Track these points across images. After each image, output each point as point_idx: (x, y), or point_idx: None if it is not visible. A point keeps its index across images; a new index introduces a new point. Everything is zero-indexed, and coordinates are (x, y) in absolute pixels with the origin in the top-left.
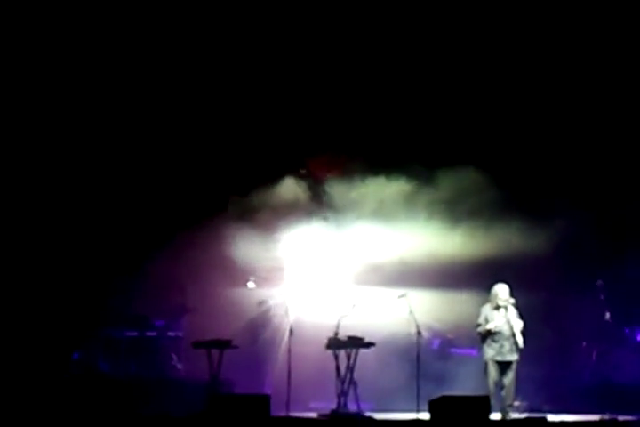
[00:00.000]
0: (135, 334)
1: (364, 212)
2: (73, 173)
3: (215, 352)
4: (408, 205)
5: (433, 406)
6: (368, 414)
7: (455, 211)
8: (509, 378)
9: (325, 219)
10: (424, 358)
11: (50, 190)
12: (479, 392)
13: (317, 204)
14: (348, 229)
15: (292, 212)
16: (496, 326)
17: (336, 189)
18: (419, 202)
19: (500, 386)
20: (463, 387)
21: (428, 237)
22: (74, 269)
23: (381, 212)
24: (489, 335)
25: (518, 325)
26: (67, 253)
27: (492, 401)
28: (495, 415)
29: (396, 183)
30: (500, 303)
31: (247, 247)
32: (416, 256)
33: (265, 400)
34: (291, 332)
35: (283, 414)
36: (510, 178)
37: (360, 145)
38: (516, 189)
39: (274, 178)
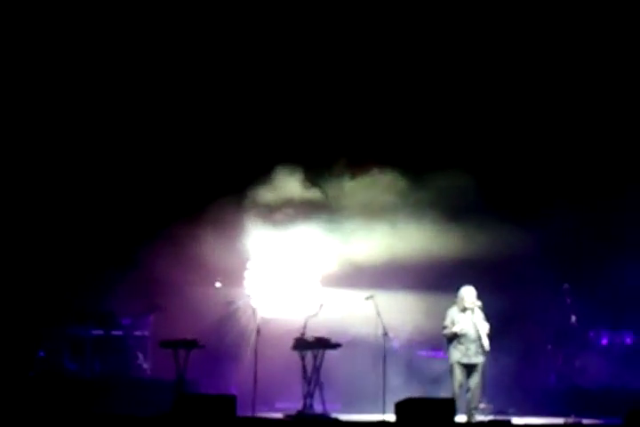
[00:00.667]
0: (101, 332)
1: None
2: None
3: (182, 352)
4: (380, 207)
5: (399, 408)
6: (334, 415)
7: (425, 213)
8: (475, 381)
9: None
10: (390, 359)
11: (21, 184)
12: (445, 395)
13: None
14: (318, 230)
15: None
16: (462, 329)
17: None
18: (390, 204)
19: (465, 388)
20: (429, 389)
21: (395, 239)
22: (40, 265)
23: (355, 213)
24: (455, 338)
25: (484, 327)
26: (32, 250)
27: (458, 404)
28: (460, 418)
29: (373, 185)
30: (467, 306)
31: (215, 247)
32: (384, 258)
33: (231, 401)
34: (258, 332)
35: (249, 414)
36: (487, 181)
37: (345, 144)
38: (487, 192)
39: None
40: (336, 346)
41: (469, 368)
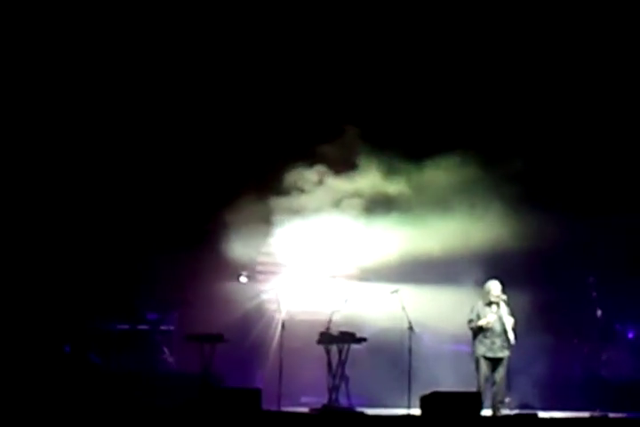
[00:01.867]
0: (127, 327)
1: (358, 207)
2: (71, 166)
3: (207, 346)
4: (400, 201)
5: (424, 402)
6: (359, 409)
7: (448, 205)
8: (500, 374)
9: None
10: (416, 353)
11: (42, 180)
12: (470, 389)
13: None
14: (343, 225)
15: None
16: (488, 323)
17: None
18: (411, 197)
19: (490, 382)
20: (454, 383)
21: (420, 233)
22: (66, 261)
23: (375, 207)
24: (480, 332)
25: (510, 321)
26: (59, 246)
27: (483, 397)
28: (486, 412)
29: (388, 179)
30: (493, 300)
31: (241, 241)
32: (410, 252)
33: (256, 394)
34: (283, 327)
35: (274, 408)
36: (504, 171)
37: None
38: (510, 183)
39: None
40: (361, 340)
41: (495, 362)
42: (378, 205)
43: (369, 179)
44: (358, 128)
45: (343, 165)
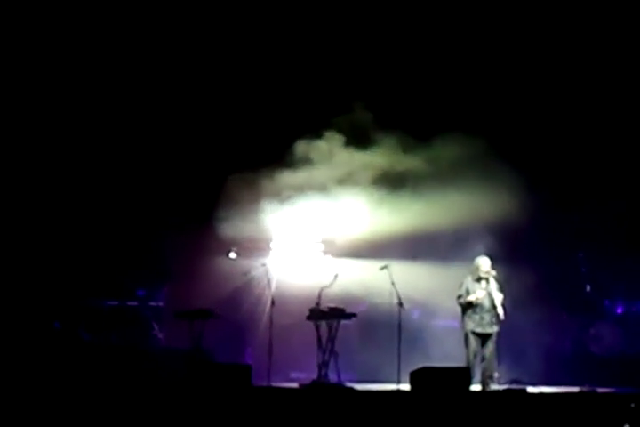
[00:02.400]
0: (116, 303)
1: (346, 183)
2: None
3: (197, 322)
4: (388, 177)
5: (414, 378)
6: (349, 384)
7: (435, 181)
8: (489, 350)
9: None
10: (405, 329)
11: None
12: (459, 364)
13: None
14: (330, 201)
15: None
16: (477, 298)
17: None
18: (399, 173)
19: (480, 358)
20: (444, 358)
21: (407, 208)
22: (55, 238)
23: (362, 183)
24: (470, 307)
25: (499, 297)
26: (48, 223)
27: (472, 373)
28: (475, 387)
29: (377, 154)
30: (482, 275)
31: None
32: (398, 227)
33: (246, 370)
34: (272, 302)
35: (264, 383)
36: (494, 146)
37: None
38: (498, 158)
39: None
40: (351, 316)
41: (484, 338)
42: (383, 179)
43: (380, 153)
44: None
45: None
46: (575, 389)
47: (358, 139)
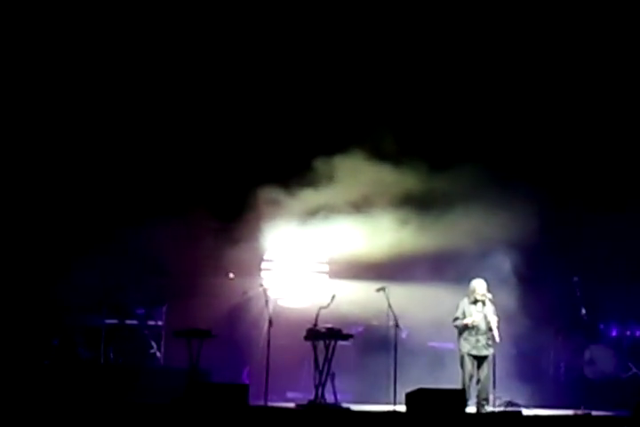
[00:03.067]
0: (115, 321)
1: (343, 205)
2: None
3: (195, 342)
4: (385, 200)
5: (409, 399)
6: (345, 405)
7: (430, 204)
8: (485, 372)
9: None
10: (401, 350)
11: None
12: (455, 386)
13: None
14: (328, 223)
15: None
16: (473, 322)
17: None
18: (395, 196)
19: (475, 380)
20: (439, 380)
21: (404, 231)
22: (54, 255)
23: (360, 206)
24: (465, 329)
25: (494, 320)
26: (47, 240)
27: (468, 395)
28: (471, 409)
29: (375, 177)
30: (478, 298)
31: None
32: (393, 250)
33: (243, 389)
34: (270, 322)
35: (261, 403)
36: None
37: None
38: (493, 180)
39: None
40: (348, 337)
41: (479, 360)
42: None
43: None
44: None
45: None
46: (570, 412)
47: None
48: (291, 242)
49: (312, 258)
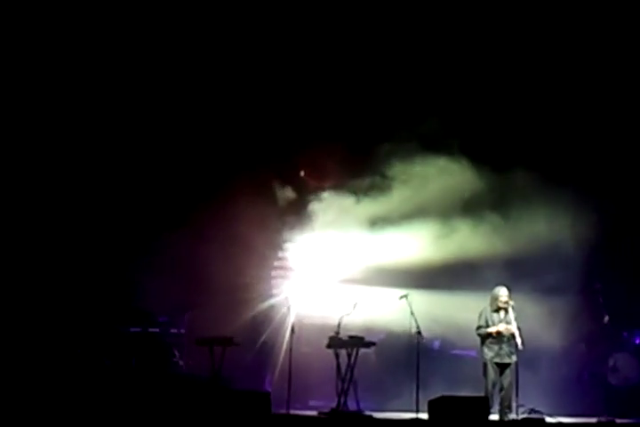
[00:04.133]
0: (138, 329)
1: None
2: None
3: (217, 349)
4: (406, 206)
5: (432, 406)
6: (368, 413)
7: (451, 212)
8: (508, 380)
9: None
10: (424, 358)
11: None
12: (478, 393)
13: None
14: (350, 230)
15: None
16: (498, 331)
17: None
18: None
19: (498, 387)
20: (462, 388)
21: (428, 239)
22: (78, 264)
23: (381, 213)
24: (488, 337)
25: (517, 327)
26: (71, 249)
27: (491, 402)
28: (494, 416)
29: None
30: (501, 305)
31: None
32: (417, 257)
33: (266, 397)
34: (292, 330)
35: (283, 411)
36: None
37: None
38: (515, 187)
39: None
40: (370, 344)
41: (502, 367)
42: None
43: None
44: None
45: None
46: (593, 419)
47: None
48: (313, 248)
49: (334, 265)
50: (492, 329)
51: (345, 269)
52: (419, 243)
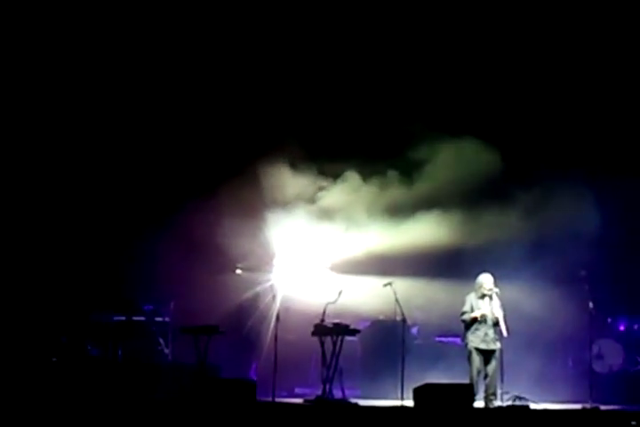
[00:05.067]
0: (123, 318)
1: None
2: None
3: (202, 338)
4: (390, 195)
5: (417, 394)
6: (353, 400)
7: (435, 200)
8: (493, 367)
9: None
10: (409, 345)
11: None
12: (463, 380)
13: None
14: (335, 218)
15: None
16: (483, 315)
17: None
18: (400, 192)
19: (483, 374)
20: (447, 375)
21: (410, 226)
22: (62, 254)
23: (364, 201)
24: (473, 324)
25: (501, 314)
26: (57, 238)
27: (476, 389)
28: (478, 403)
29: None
30: (485, 292)
31: (236, 233)
32: (401, 245)
33: (251, 385)
34: (277, 318)
35: (269, 399)
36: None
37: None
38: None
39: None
40: (355, 332)
41: (487, 354)
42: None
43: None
44: None
45: None
46: (578, 406)
47: None
48: (297, 236)
49: (318, 253)
50: (477, 313)
51: (330, 256)
52: (400, 231)
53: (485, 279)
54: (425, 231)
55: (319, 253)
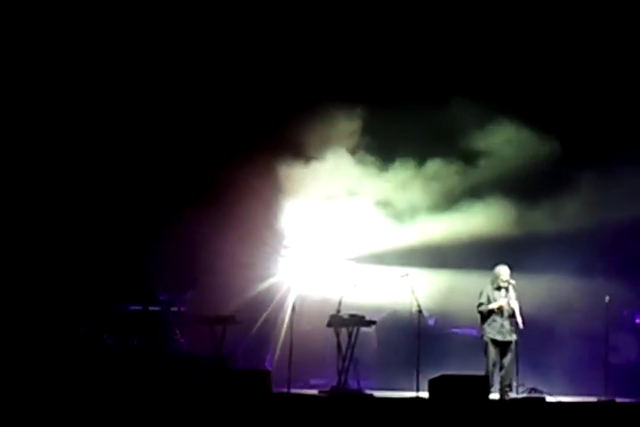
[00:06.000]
0: (139, 308)
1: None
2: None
3: (218, 328)
4: (410, 187)
5: (432, 385)
6: (368, 391)
7: (455, 191)
8: (508, 359)
9: None
10: (424, 337)
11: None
12: (478, 372)
13: None
14: (354, 209)
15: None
16: (500, 307)
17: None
18: (418, 184)
19: (499, 366)
20: (463, 366)
21: (429, 218)
22: (79, 243)
23: (384, 192)
24: (490, 315)
25: (517, 306)
26: (74, 229)
27: (491, 381)
28: (494, 395)
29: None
30: (502, 284)
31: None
32: (418, 236)
33: (266, 376)
34: (293, 309)
35: (284, 390)
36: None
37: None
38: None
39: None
40: (370, 323)
41: (503, 346)
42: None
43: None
44: None
45: None
46: (593, 398)
47: None
48: (314, 226)
49: (335, 243)
50: (494, 305)
51: (347, 247)
52: (418, 222)
53: (502, 271)
54: (480, 221)
55: (336, 243)
